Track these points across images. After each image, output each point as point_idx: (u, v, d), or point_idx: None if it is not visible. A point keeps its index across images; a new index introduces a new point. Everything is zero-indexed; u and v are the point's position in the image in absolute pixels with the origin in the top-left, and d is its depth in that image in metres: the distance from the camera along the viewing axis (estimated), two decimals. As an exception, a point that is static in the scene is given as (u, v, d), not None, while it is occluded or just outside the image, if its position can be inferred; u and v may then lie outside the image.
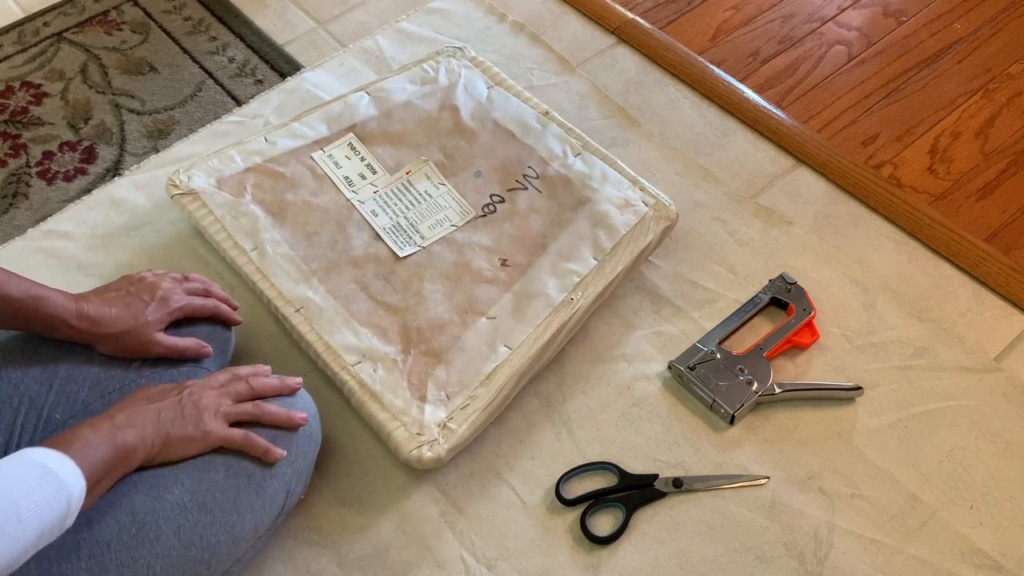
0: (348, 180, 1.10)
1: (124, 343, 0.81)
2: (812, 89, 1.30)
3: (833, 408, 0.96)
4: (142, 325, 0.81)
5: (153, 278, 0.86)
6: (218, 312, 0.89)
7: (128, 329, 0.80)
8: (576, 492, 0.90)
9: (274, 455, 0.77)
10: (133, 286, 0.84)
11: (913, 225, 1.12)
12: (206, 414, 0.75)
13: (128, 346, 0.81)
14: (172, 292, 0.85)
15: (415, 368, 0.94)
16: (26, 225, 1.13)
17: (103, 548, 0.68)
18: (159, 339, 0.82)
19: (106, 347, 0.81)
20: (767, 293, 1.04)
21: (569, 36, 1.35)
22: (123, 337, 0.80)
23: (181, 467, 0.73)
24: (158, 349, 0.82)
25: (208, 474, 0.73)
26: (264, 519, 0.78)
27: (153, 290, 0.84)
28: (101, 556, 0.67)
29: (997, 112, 1.26)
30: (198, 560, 0.72)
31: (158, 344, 0.82)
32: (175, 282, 0.88)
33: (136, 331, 0.81)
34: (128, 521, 0.69)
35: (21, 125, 1.25)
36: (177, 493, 0.71)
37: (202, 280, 0.91)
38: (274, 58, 1.32)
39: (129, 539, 0.69)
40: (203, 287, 0.90)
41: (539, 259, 1.03)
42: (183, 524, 0.71)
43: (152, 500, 0.70)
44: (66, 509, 0.62)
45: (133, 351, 0.82)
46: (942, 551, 0.87)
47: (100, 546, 0.68)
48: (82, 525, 0.67)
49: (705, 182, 1.16)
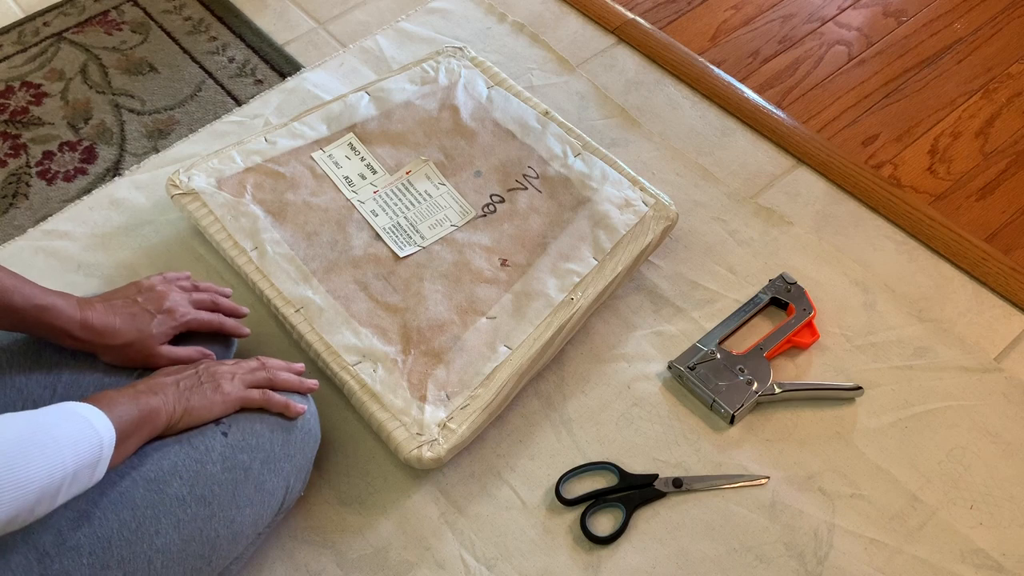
0: (348, 180, 1.10)
1: (127, 354, 0.81)
2: (812, 89, 1.30)
3: (833, 408, 0.96)
4: (146, 337, 0.81)
5: (162, 287, 0.86)
6: (223, 328, 0.89)
7: (131, 341, 0.80)
8: (576, 492, 0.90)
9: (294, 409, 0.80)
10: (141, 295, 0.84)
11: (913, 225, 1.12)
12: (223, 379, 0.78)
13: (131, 357, 0.81)
14: (179, 305, 0.85)
15: (415, 368, 0.94)
16: (26, 225, 1.13)
17: (104, 544, 0.68)
18: (162, 351, 0.82)
19: (108, 357, 0.81)
20: (767, 293, 1.04)
21: (569, 36, 1.35)
22: (126, 349, 0.80)
23: (179, 460, 0.73)
24: (161, 362, 0.82)
25: (205, 467, 0.73)
26: (263, 514, 0.78)
27: (160, 301, 0.84)
28: (103, 552, 0.68)
29: (997, 112, 1.26)
30: (198, 555, 0.72)
31: (161, 357, 0.82)
32: (183, 292, 0.88)
33: (139, 343, 0.81)
34: (128, 516, 0.69)
35: (21, 125, 1.25)
36: (176, 487, 0.72)
37: (212, 291, 0.91)
38: (274, 58, 1.32)
39: (129, 534, 0.69)
40: (211, 299, 0.90)
41: (539, 259, 1.03)
42: (182, 518, 0.71)
43: (151, 494, 0.71)
44: (99, 452, 0.64)
45: (136, 362, 0.82)
46: (942, 551, 0.87)
47: (101, 542, 0.68)
48: (82, 521, 0.67)
49: (705, 182, 1.16)
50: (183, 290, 0.88)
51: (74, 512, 0.68)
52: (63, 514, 0.67)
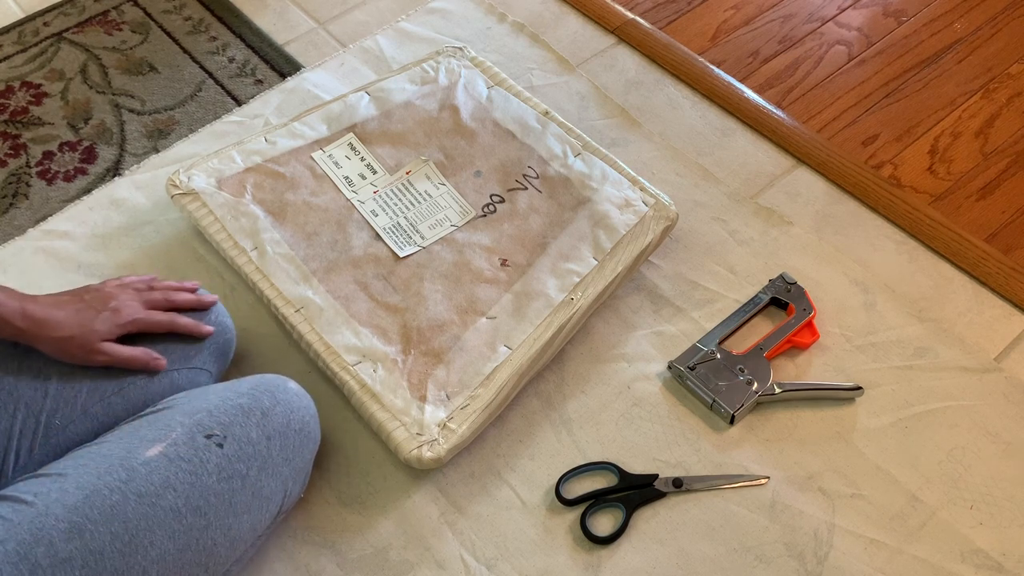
0: (348, 180, 1.10)
1: (67, 348, 0.79)
2: (812, 89, 1.30)
3: (833, 408, 0.96)
4: (88, 332, 0.80)
5: (112, 289, 0.85)
6: (175, 327, 0.86)
7: (73, 335, 0.79)
8: (576, 492, 0.90)
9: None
10: (88, 294, 0.83)
11: (913, 225, 1.12)
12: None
13: (71, 352, 0.80)
14: (125, 305, 0.83)
15: (415, 368, 0.94)
16: (26, 225, 1.13)
17: (96, 557, 0.67)
18: (103, 347, 0.80)
19: (49, 349, 0.80)
20: (767, 293, 1.04)
21: (569, 36, 1.35)
22: (67, 343, 0.79)
23: (171, 473, 0.72)
24: (101, 358, 0.81)
25: (200, 479, 0.72)
26: (262, 519, 0.77)
27: (107, 300, 0.83)
28: (95, 565, 0.67)
29: (997, 112, 1.26)
30: (195, 563, 0.72)
31: (102, 353, 0.81)
32: (135, 293, 0.86)
33: (81, 338, 0.80)
34: (120, 529, 0.69)
35: (21, 125, 1.25)
36: (170, 499, 0.71)
37: (169, 288, 0.89)
38: (274, 58, 1.32)
39: (122, 546, 0.68)
40: (163, 298, 0.87)
41: (539, 259, 1.03)
42: (178, 529, 0.71)
43: (144, 507, 0.70)
44: None
45: (76, 357, 0.80)
46: (942, 551, 0.87)
47: (93, 555, 0.67)
48: (74, 535, 0.67)
49: (705, 182, 1.16)
50: (138, 291, 0.86)
51: (66, 524, 0.67)
52: (55, 526, 0.67)
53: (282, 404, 0.80)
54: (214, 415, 0.76)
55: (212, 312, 0.90)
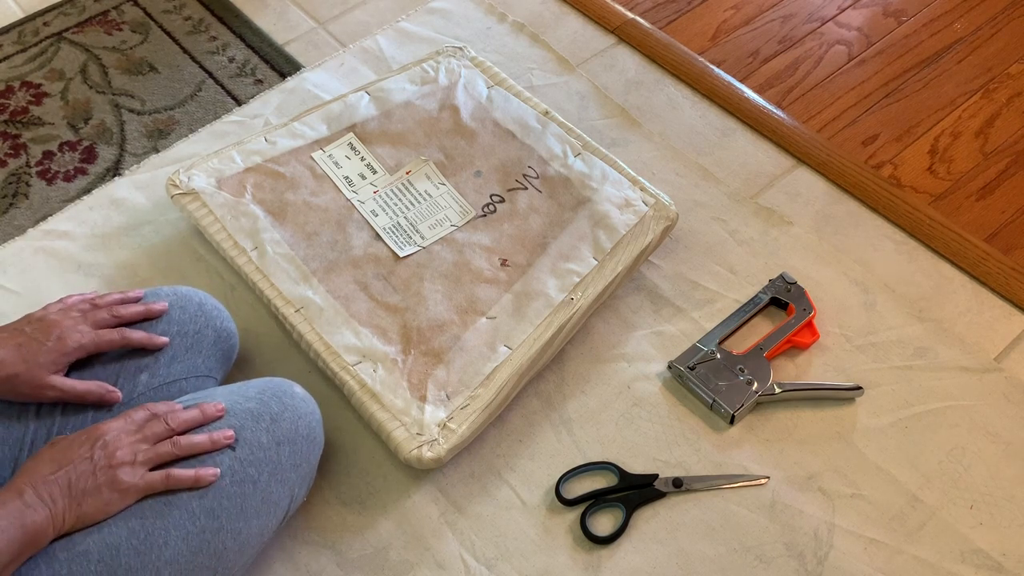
0: (348, 180, 1.10)
1: (14, 387, 0.75)
2: (812, 89, 1.30)
3: (833, 408, 0.96)
4: (33, 368, 0.75)
5: (55, 316, 0.80)
6: (129, 343, 0.81)
7: (18, 372, 0.75)
8: (576, 492, 0.90)
9: (204, 479, 0.72)
10: (30, 326, 0.78)
11: (913, 225, 1.12)
12: (122, 471, 0.70)
13: (19, 390, 0.75)
14: (71, 331, 0.78)
15: (415, 368, 0.94)
16: (26, 225, 1.13)
17: (113, 552, 0.68)
18: (52, 382, 0.76)
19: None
20: (767, 293, 1.04)
21: (569, 36, 1.35)
22: (13, 380, 0.75)
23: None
24: (52, 393, 0.76)
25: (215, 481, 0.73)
26: (269, 524, 0.77)
27: (50, 330, 0.78)
28: (110, 560, 0.68)
29: (997, 112, 1.26)
30: (205, 567, 0.72)
31: (52, 388, 0.76)
32: (80, 316, 0.81)
33: (27, 374, 0.75)
34: (137, 525, 0.69)
35: (21, 125, 1.25)
36: (185, 498, 0.71)
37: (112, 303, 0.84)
38: (274, 58, 1.32)
39: (138, 543, 0.69)
40: (109, 315, 0.82)
41: (539, 259, 1.03)
42: (191, 530, 0.71)
43: (160, 505, 0.71)
44: None
45: (25, 396, 0.76)
46: (942, 551, 0.87)
47: (110, 549, 0.68)
48: (92, 530, 0.68)
49: (705, 182, 1.16)
50: (82, 312, 0.81)
51: None
52: None
53: (290, 410, 0.80)
54: (225, 418, 0.77)
55: (216, 317, 0.89)
